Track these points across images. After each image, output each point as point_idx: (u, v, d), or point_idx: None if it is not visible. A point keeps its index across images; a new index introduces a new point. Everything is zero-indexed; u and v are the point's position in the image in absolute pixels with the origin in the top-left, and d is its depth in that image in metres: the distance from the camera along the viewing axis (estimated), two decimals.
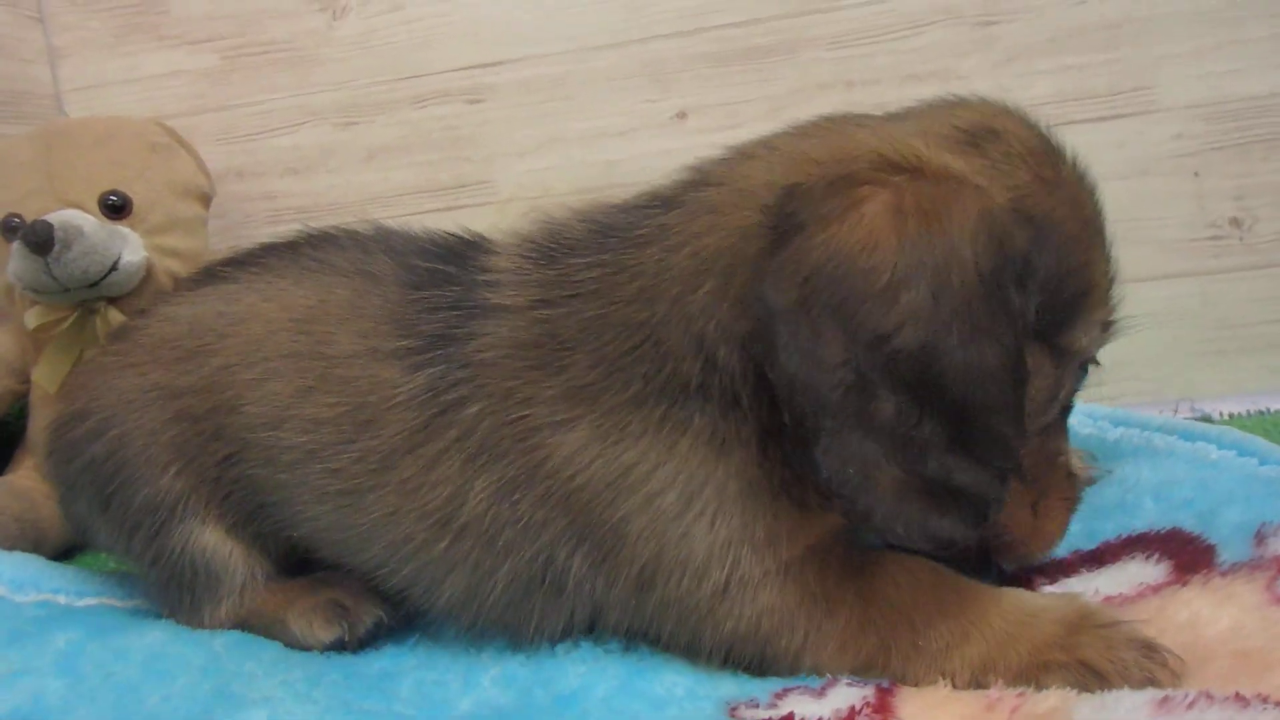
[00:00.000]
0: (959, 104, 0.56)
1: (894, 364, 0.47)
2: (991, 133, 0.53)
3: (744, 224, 0.52)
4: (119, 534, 0.67)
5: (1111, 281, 0.56)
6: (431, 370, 0.57)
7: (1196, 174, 1.04)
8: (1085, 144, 1.02)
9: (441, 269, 0.62)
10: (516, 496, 0.55)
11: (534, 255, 0.59)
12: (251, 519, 0.65)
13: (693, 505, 0.53)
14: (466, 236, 0.66)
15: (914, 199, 0.48)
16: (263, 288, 0.67)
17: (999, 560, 0.58)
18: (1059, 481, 0.57)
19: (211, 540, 0.65)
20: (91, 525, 0.70)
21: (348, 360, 0.60)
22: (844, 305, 0.47)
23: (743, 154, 0.56)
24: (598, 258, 0.56)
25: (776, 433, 0.52)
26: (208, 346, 0.65)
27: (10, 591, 0.69)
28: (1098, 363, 0.57)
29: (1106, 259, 0.55)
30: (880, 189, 0.48)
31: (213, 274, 0.72)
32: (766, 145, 0.56)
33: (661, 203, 0.57)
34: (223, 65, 1.20)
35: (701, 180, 0.56)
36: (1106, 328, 0.55)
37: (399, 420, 0.58)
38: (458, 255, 0.63)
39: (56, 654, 0.59)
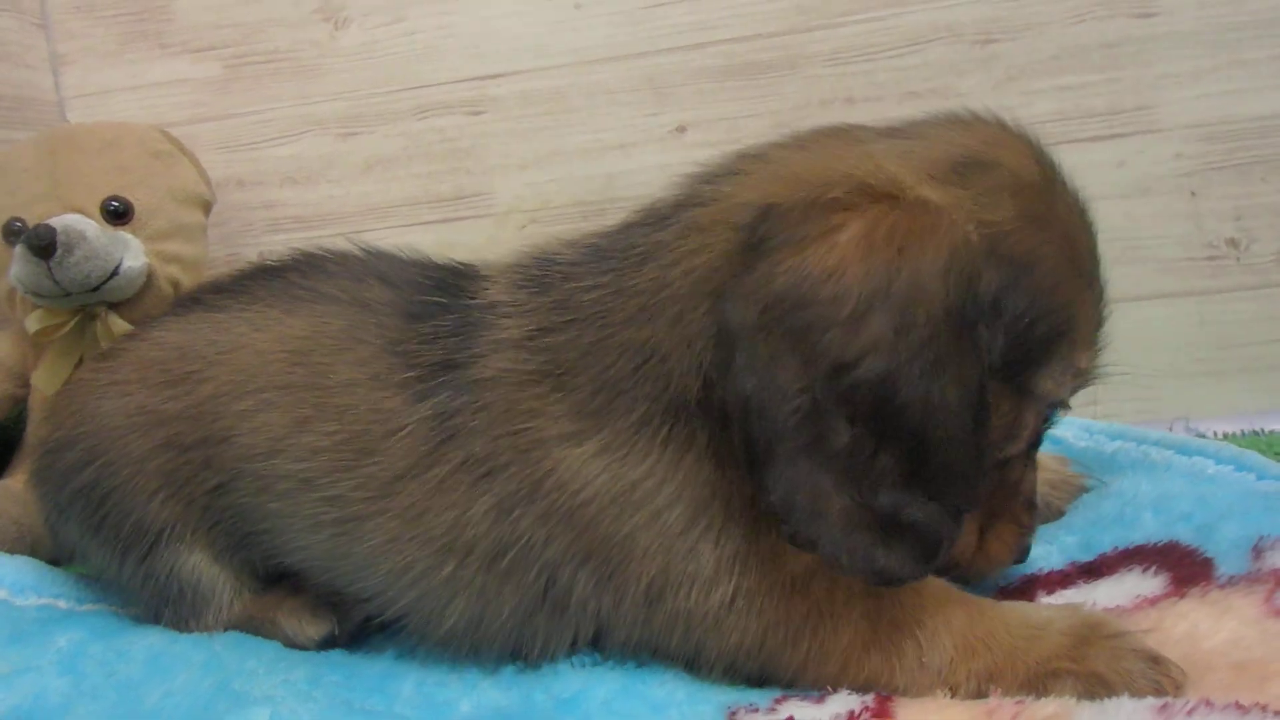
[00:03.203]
0: (962, 125, 0.55)
1: (852, 394, 0.47)
2: (981, 164, 0.52)
3: (727, 245, 0.52)
4: (111, 556, 0.68)
5: (1096, 326, 0.56)
6: (436, 399, 0.58)
7: (1194, 194, 1.06)
8: (1085, 163, 1.04)
9: (437, 300, 0.62)
10: (517, 513, 0.55)
11: (529, 285, 0.59)
12: (240, 546, 0.66)
13: (699, 520, 0.53)
14: (456, 266, 0.67)
15: (888, 229, 0.48)
16: (252, 317, 0.67)
17: (944, 575, 0.58)
18: (1014, 509, 0.58)
19: (200, 563, 0.66)
20: (82, 548, 0.70)
21: (347, 388, 0.61)
22: (806, 332, 0.47)
23: (731, 169, 0.56)
24: (596, 281, 0.57)
25: None
26: (196, 374, 0.66)
27: (11, 595, 0.71)
28: (1068, 406, 0.57)
29: (1094, 303, 0.55)
30: (856, 216, 0.49)
31: (200, 301, 0.72)
32: (757, 158, 0.56)
33: (656, 219, 0.57)
34: (225, 74, 1.22)
35: (691, 197, 0.56)
36: (1081, 374, 0.55)
37: (403, 447, 0.58)
38: (450, 286, 0.64)
39: (58, 653, 0.60)
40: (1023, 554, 0.60)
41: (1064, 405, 0.56)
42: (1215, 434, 0.96)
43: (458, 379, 0.58)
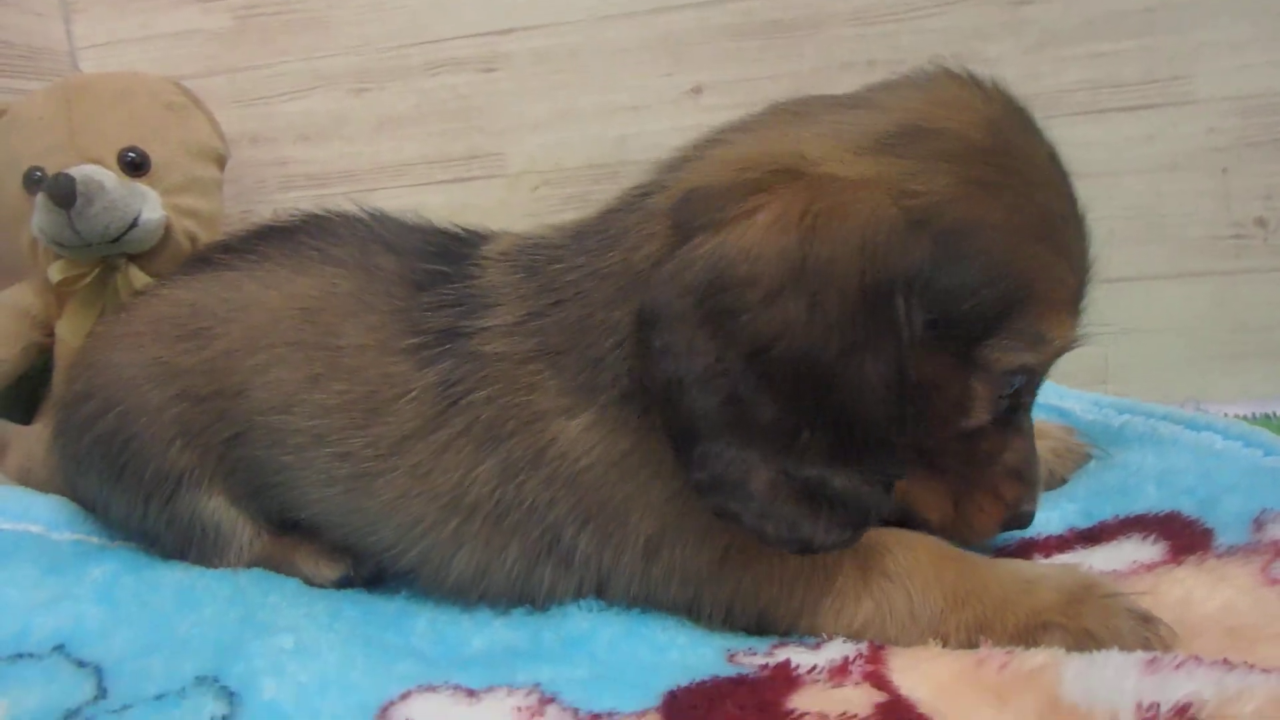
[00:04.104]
0: (918, 89, 0.58)
1: (772, 374, 0.51)
2: (918, 132, 0.54)
3: (669, 233, 0.56)
4: (134, 502, 0.73)
5: (1069, 292, 0.56)
6: (440, 366, 0.64)
7: (1225, 170, 1.06)
8: (1113, 137, 1.09)
9: (440, 269, 0.68)
10: (521, 478, 0.61)
11: (520, 270, 0.65)
12: (256, 494, 0.72)
13: (687, 489, 0.57)
14: (458, 234, 0.73)
15: (800, 208, 0.51)
16: (263, 276, 0.73)
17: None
18: (992, 479, 0.61)
19: (219, 506, 0.73)
20: (104, 499, 0.76)
21: (356, 351, 0.66)
22: (724, 315, 0.51)
23: (687, 155, 0.60)
24: (576, 263, 0.62)
25: None
26: (209, 330, 0.72)
27: (47, 530, 0.78)
28: (1038, 374, 0.58)
29: (1064, 268, 0.56)
30: (774, 197, 0.52)
31: (210, 260, 0.78)
32: (712, 143, 0.60)
33: (626, 206, 0.62)
34: (234, 25, 1.25)
35: (654, 184, 0.61)
36: (1049, 342, 0.56)
37: (410, 410, 0.64)
38: (452, 254, 0.69)
39: (93, 584, 0.67)
40: (1022, 520, 0.63)
41: (1031, 373, 0.58)
42: (1224, 416, 0.98)
43: (460, 348, 0.64)
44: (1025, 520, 0.63)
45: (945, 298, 0.53)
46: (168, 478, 0.72)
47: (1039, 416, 0.84)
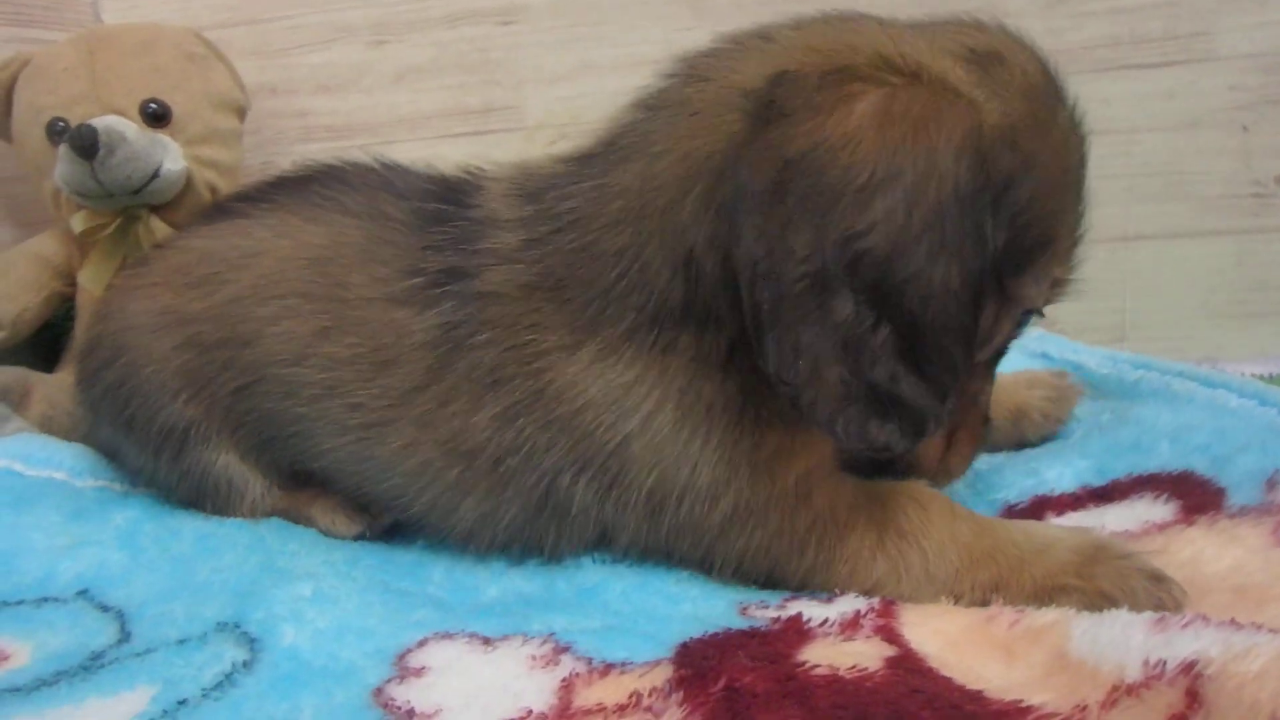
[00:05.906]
0: (972, 25, 0.56)
1: (858, 265, 0.48)
2: (998, 57, 0.53)
3: (731, 125, 0.52)
4: (145, 455, 0.72)
5: (1076, 240, 0.57)
6: (441, 308, 0.61)
7: (1246, 128, 1.03)
8: (1134, 93, 1.05)
9: (443, 208, 0.65)
10: (520, 422, 0.59)
11: (519, 196, 0.62)
12: (266, 447, 0.70)
13: (687, 422, 0.56)
14: (462, 175, 0.69)
15: (905, 103, 0.48)
16: (274, 224, 0.70)
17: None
18: (973, 420, 0.60)
19: (230, 462, 0.70)
20: (118, 448, 0.75)
21: (364, 303, 0.64)
22: (819, 198, 0.48)
23: (736, 45, 0.56)
24: (576, 186, 0.58)
25: (746, 345, 0.53)
26: (218, 276, 0.69)
27: (71, 477, 0.77)
28: (1041, 314, 0.58)
29: (1078, 217, 0.56)
30: (875, 87, 0.49)
31: (225, 209, 0.76)
32: (762, 36, 0.55)
33: (645, 109, 0.57)
34: None
35: (687, 77, 0.56)
36: (1059, 284, 0.57)
37: (415, 359, 0.62)
38: (454, 195, 0.66)
39: (116, 530, 0.66)
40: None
41: (1039, 313, 0.58)
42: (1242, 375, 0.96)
43: (462, 290, 0.61)
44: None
45: (1012, 221, 0.51)
46: (174, 431, 0.69)
47: (1048, 368, 0.82)
